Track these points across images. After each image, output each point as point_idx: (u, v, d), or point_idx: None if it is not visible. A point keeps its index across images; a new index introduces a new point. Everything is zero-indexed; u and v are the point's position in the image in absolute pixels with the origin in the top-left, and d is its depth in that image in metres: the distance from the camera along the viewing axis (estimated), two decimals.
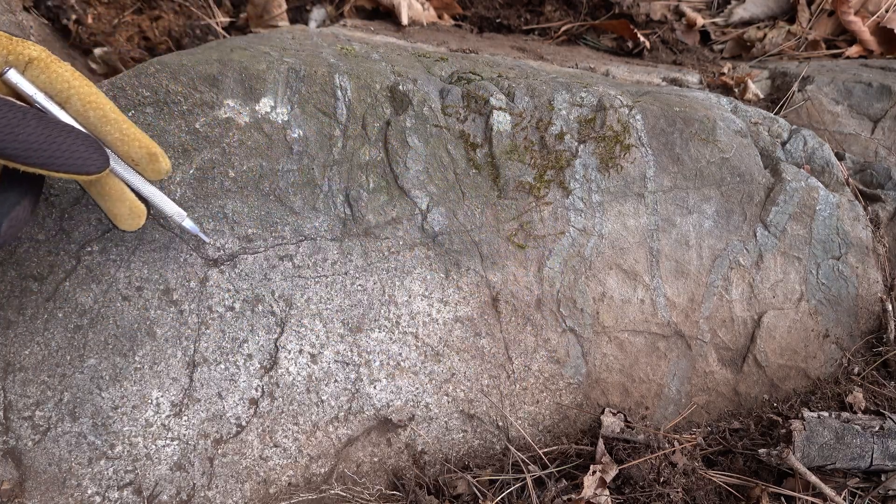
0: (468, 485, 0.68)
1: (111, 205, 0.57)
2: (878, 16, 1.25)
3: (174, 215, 0.60)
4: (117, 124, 0.54)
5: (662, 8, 1.29)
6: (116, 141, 0.54)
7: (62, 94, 0.52)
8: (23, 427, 0.60)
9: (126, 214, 0.57)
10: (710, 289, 0.81)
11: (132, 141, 0.55)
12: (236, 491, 0.65)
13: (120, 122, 0.54)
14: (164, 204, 0.60)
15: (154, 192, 0.59)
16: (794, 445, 0.71)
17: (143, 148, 0.55)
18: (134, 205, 0.57)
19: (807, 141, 0.91)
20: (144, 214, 0.58)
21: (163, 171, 0.56)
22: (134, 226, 0.58)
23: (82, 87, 0.53)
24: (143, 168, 0.56)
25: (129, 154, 0.55)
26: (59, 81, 0.52)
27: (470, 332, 0.72)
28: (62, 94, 0.52)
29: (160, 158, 0.56)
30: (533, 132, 0.77)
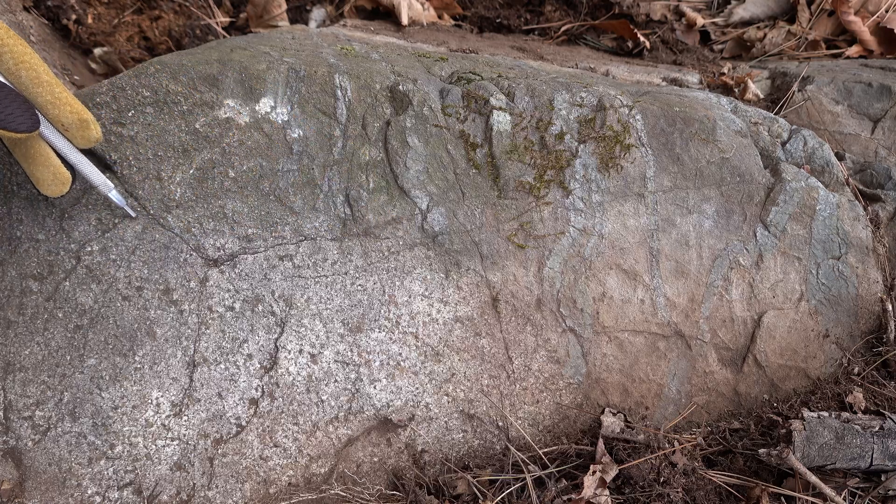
0: (468, 485, 0.68)
1: (35, 168, 0.56)
2: (878, 16, 1.25)
3: (101, 185, 0.59)
4: (49, 87, 0.53)
5: (662, 8, 1.29)
6: (47, 104, 0.53)
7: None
8: (23, 427, 0.60)
9: (50, 180, 0.56)
10: (710, 289, 0.81)
11: (63, 105, 0.54)
12: (236, 491, 0.65)
13: (52, 85, 0.53)
14: (92, 173, 0.58)
15: (82, 160, 0.57)
16: (794, 445, 0.71)
17: (74, 113, 0.54)
18: (59, 171, 0.56)
19: (807, 141, 0.91)
20: (69, 182, 0.57)
21: (92, 138, 0.55)
22: (56, 192, 0.57)
23: (16, 46, 0.52)
24: (73, 134, 0.55)
25: (59, 118, 0.54)
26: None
27: (470, 332, 0.72)
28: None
29: (91, 125, 0.55)
30: (533, 132, 0.77)
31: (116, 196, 0.60)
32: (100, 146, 0.64)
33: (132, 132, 0.65)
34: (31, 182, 0.62)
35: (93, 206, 0.64)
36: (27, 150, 0.55)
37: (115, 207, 0.64)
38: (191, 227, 0.66)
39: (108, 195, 0.60)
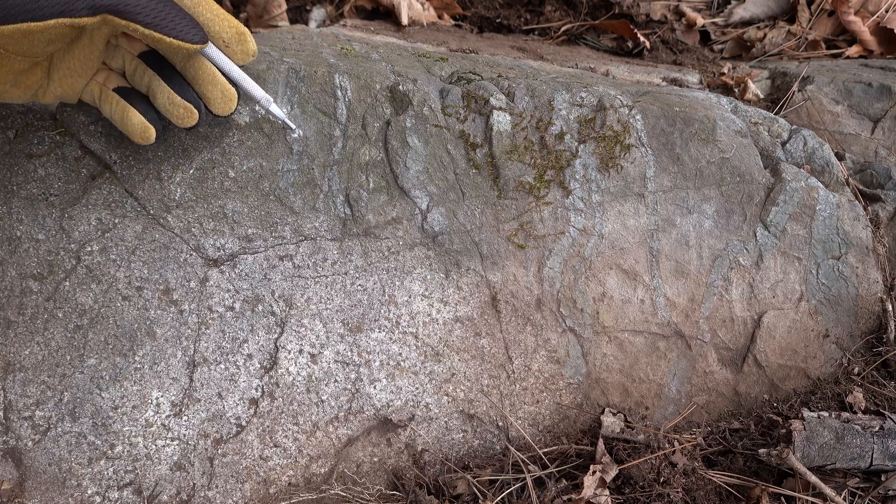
0: (468, 485, 0.68)
1: (204, 88, 0.59)
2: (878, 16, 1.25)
3: (262, 99, 0.62)
4: (209, 4, 0.56)
5: (662, 8, 1.29)
6: (209, 21, 0.56)
7: None
8: (23, 427, 0.60)
9: (219, 97, 0.59)
10: (710, 289, 0.81)
11: (223, 20, 0.57)
12: (236, 491, 0.65)
13: (211, 3, 0.57)
14: (253, 88, 0.62)
15: (243, 76, 0.60)
16: (794, 445, 0.71)
17: (232, 27, 0.57)
18: (225, 88, 0.59)
19: (807, 141, 0.91)
20: (235, 98, 0.60)
21: (250, 51, 0.59)
22: (226, 109, 0.60)
23: None
24: (233, 49, 0.58)
25: (220, 34, 0.57)
26: None
27: (470, 332, 0.72)
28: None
29: (248, 38, 0.58)
30: (533, 132, 0.77)
31: (276, 109, 0.63)
32: (100, 146, 0.64)
33: None
34: (33, 182, 0.63)
35: (93, 206, 0.64)
36: (195, 72, 0.58)
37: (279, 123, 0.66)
38: (191, 227, 0.66)
39: (269, 108, 0.63)
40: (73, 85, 0.58)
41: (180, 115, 0.58)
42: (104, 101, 0.60)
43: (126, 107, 0.58)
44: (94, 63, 0.58)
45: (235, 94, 0.60)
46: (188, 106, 0.58)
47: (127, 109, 0.58)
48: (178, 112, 0.58)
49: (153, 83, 0.58)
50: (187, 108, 0.58)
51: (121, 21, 0.51)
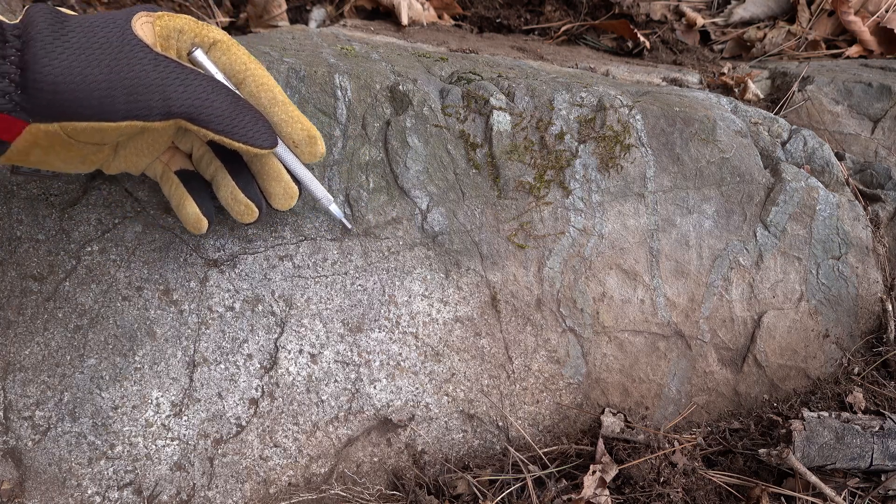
0: (468, 485, 0.68)
1: (268, 183, 0.60)
2: (878, 16, 1.25)
3: (322, 199, 0.64)
4: (284, 106, 0.57)
5: (662, 8, 1.29)
6: (282, 122, 0.57)
7: (239, 75, 0.56)
8: (23, 427, 0.60)
9: (281, 194, 0.60)
10: (710, 289, 0.81)
11: (296, 123, 0.58)
12: (236, 491, 0.65)
13: (287, 105, 0.57)
14: (316, 188, 0.63)
15: (308, 176, 0.62)
16: (794, 445, 0.71)
17: (304, 130, 0.58)
18: (289, 186, 0.60)
19: (807, 141, 0.91)
20: (297, 196, 0.61)
21: (318, 154, 0.59)
22: (286, 205, 0.61)
23: (257, 70, 0.57)
24: (302, 150, 0.59)
25: (291, 135, 0.58)
26: (237, 63, 0.56)
27: (470, 332, 0.72)
28: (239, 75, 0.56)
29: (318, 142, 0.59)
30: (533, 132, 0.77)
31: (336, 209, 0.65)
32: None
33: None
34: (33, 182, 0.62)
35: (93, 206, 0.64)
36: (262, 168, 0.59)
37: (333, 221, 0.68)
38: None
39: (329, 208, 0.64)
40: (138, 163, 0.59)
41: (241, 212, 0.60)
42: (164, 182, 0.61)
43: (184, 194, 0.59)
44: (161, 146, 0.58)
45: (297, 191, 0.61)
46: (250, 204, 0.59)
47: (185, 197, 0.59)
48: (240, 209, 0.59)
49: (218, 174, 0.59)
50: (249, 206, 0.59)
51: (193, 126, 0.52)
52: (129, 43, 0.49)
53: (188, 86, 0.51)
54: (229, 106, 0.53)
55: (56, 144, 0.49)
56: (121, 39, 0.49)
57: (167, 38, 0.54)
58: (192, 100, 0.51)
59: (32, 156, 0.50)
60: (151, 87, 0.49)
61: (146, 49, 0.50)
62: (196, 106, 0.51)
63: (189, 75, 0.51)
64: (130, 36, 0.50)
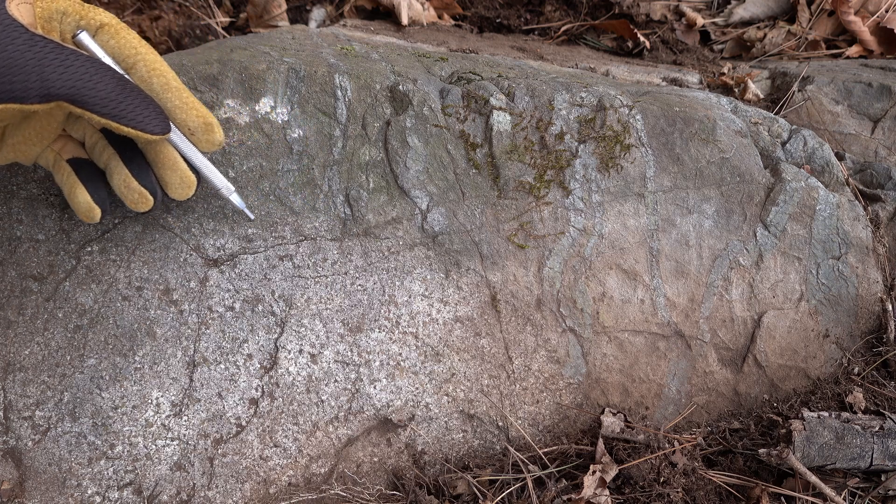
0: (468, 485, 0.68)
1: (164, 172, 0.58)
2: (878, 16, 1.25)
3: (222, 188, 0.62)
4: (178, 92, 0.55)
5: (662, 8, 1.29)
6: (176, 108, 0.55)
7: (129, 59, 0.54)
8: (23, 427, 0.60)
9: (177, 183, 0.58)
10: (710, 289, 0.81)
11: (190, 109, 0.56)
12: (236, 491, 0.65)
13: (181, 91, 0.56)
14: (214, 176, 0.61)
15: (206, 164, 0.60)
16: (794, 445, 0.71)
17: (200, 117, 0.56)
18: (185, 174, 0.58)
19: (807, 141, 0.91)
20: (194, 185, 0.59)
21: (216, 142, 0.58)
22: (184, 195, 0.59)
23: (148, 55, 0.54)
24: (199, 138, 0.57)
25: (186, 122, 0.56)
26: (126, 47, 0.54)
27: (470, 332, 0.72)
28: (129, 59, 0.54)
29: (215, 129, 0.57)
30: (533, 132, 0.77)
31: (237, 199, 0.63)
32: None
33: None
34: (33, 182, 0.62)
35: None
36: (156, 156, 0.57)
37: (233, 211, 0.66)
38: (191, 227, 0.66)
39: (229, 198, 0.62)
40: (27, 152, 0.56)
41: (135, 200, 0.57)
42: (57, 170, 0.58)
43: (76, 182, 0.57)
44: (50, 134, 0.56)
45: (195, 180, 0.59)
46: (143, 192, 0.57)
47: (76, 186, 0.57)
48: (133, 197, 0.57)
49: (111, 162, 0.57)
50: (143, 193, 0.57)
51: (76, 109, 0.50)
52: (2, 23, 0.47)
53: (68, 67, 0.48)
54: (115, 88, 0.50)
55: None
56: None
57: (49, 19, 0.51)
58: (74, 81, 0.49)
59: None
60: (27, 67, 0.47)
61: (20, 29, 0.48)
62: (77, 87, 0.49)
63: (70, 56, 0.49)
64: (4, 16, 0.47)
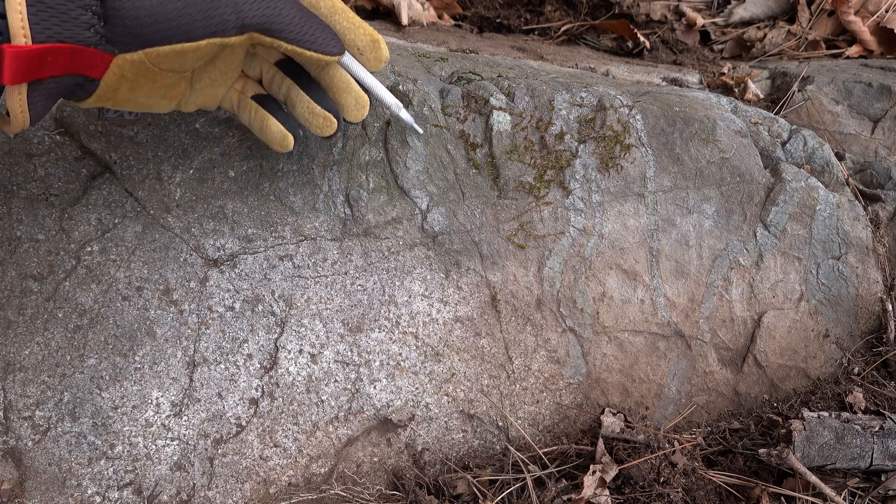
0: (468, 485, 0.68)
1: (339, 95, 0.59)
2: (878, 16, 1.25)
3: (392, 105, 0.63)
4: (344, 13, 0.57)
5: (662, 8, 1.29)
6: (345, 29, 0.57)
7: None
8: (23, 427, 0.60)
9: (353, 104, 0.60)
10: (710, 289, 0.81)
11: (358, 28, 0.57)
12: (236, 491, 0.65)
13: (346, 12, 0.57)
14: (385, 94, 0.63)
15: (375, 83, 0.61)
16: (794, 445, 0.71)
17: (367, 35, 0.58)
18: (359, 95, 0.60)
19: (807, 141, 0.91)
20: (368, 105, 0.61)
21: (383, 58, 0.59)
22: (360, 116, 0.61)
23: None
24: (367, 57, 0.58)
25: (355, 42, 0.58)
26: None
27: (470, 332, 0.72)
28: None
29: (381, 45, 0.58)
30: (533, 132, 0.77)
31: (406, 115, 0.65)
32: (100, 146, 0.64)
33: (132, 132, 0.65)
34: (33, 182, 0.63)
35: (93, 206, 0.64)
36: (330, 80, 0.59)
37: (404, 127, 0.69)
38: (191, 227, 0.66)
39: (399, 114, 0.64)
40: (214, 94, 0.59)
41: (320, 125, 0.59)
42: (242, 109, 0.61)
43: (266, 115, 0.60)
44: (234, 73, 0.59)
45: (368, 100, 0.61)
46: (328, 115, 0.59)
47: (266, 118, 0.60)
48: (318, 122, 0.59)
49: (291, 92, 0.59)
50: (327, 117, 0.59)
51: (266, 38, 0.52)
52: None
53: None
54: (297, 15, 0.53)
55: (141, 76, 0.50)
56: None
57: None
58: (264, 10, 0.51)
59: (120, 92, 0.51)
60: (223, 1, 0.50)
61: None
62: (268, 16, 0.51)
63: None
64: None
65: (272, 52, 0.59)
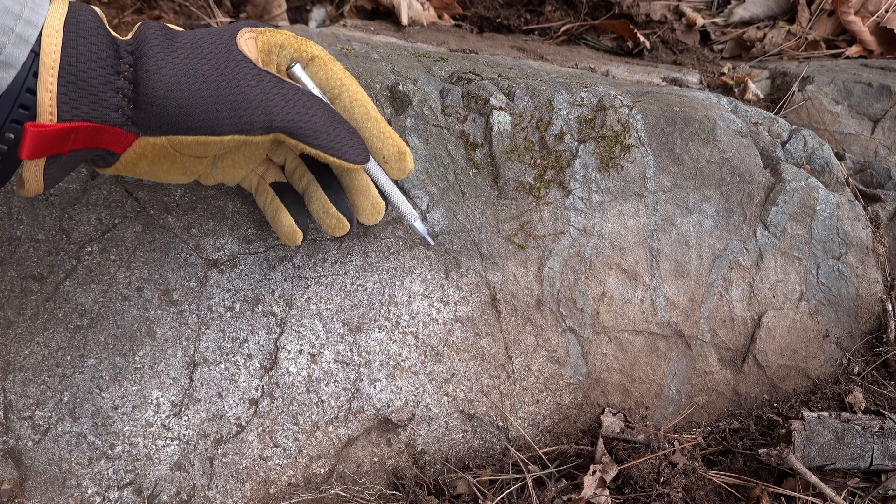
0: (468, 485, 0.68)
1: (356, 197, 0.61)
2: (878, 16, 1.25)
3: (408, 215, 0.65)
4: (377, 122, 0.58)
5: (662, 8, 1.29)
6: (374, 138, 0.58)
7: (334, 90, 0.57)
8: (23, 427, 0.60)
9: (368, 209, 0.61)
10: (710, 289, 0.81)
11: (387, 139, 0.59)
12: (236, 491, 0.65)
13: (379, 121, 0.59)
14: (402, 204, 0.64)
15: (395, 191, 0.63)
16: (794, 445, 0.71)
17: (395, 146, 0.59)
18: (376, 200, 0.61)
19: (807, 141, 0.91)
20: (383, 211, 0.62)
21: (407, 170, 0.61)
22: (373, 220, 0.62)
23: (352, 86, 0.58)
24: (391, 166, 0.60)
25: (381, 151, 0.59)
26: (333, 79, 0.57)
27: (470, 332, 0.72)
28: (334, 90, 0.57)
29: (407, 158, 0.60)
30: (533, 132, 0.77)
31: (420, 226, 0.66)
32: None
33: None
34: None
35: (93, 206, 0.64)
36: (351, 182, 0.60)
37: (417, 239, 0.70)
38: (191, 227, 0.66)
39: (413, 224, 0.65)
40: (234, 174, 0.60)
41: (332, 225, 0.60)
42: (259, 194, 0.62)
43: (279, 207, 0.61)
44: (257, 159, 0.60)
45: (384, 206, 0.62)
46: (341, 217, 0.60)
47: (280, 210, 0.61)
48: (332, 222, 0.60)
49: (310, 188, 0.60)
50: (340, 219, 0.60)
51: (291, 140, 0.53)
52: (234, 59, 0.50)
53: (289, 101, 0.52)
54: (327, 121, 0.54)
55: (161, 157, 0.51)
56: (226, 55, 0.50)
57: (268, 52, 0.55)
58: (293, 115, 0.52)
59: (139, 167, 0.52)
60: (254, 102, 0.50)
61: (250, 65, 0.51)
62: (296, 121, 0.52)
63: (290, 91, 0.52)
64: (235, 52, 0.51)
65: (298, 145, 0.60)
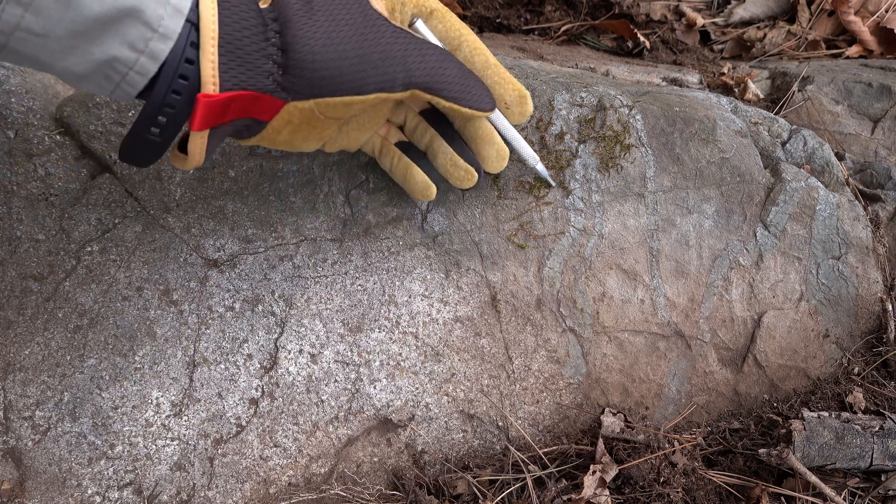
0: (468, 485, 0.68)
1: (481, 147, 0.61)
2: (878, 16, 1.25)
3: (529, 159, 0.66)
4: (497, 69, 0.59)
5: (662, 8, 1.29)
6: (495, 84, 0.59)
7: (454, 41, 0.58)
8: (23, 427, 0.60)
9: (494, 156, 0.62)
10: (710, 289, 0.81)
11: (507, 84, 0.59)
12: (236, 491, 0.65)
13: (498, 67, 0.59)
14: (525, 148, 0.65)
15: (517, 136, 0.63)
16: (794, 445, 0.71)
17: (515, 90, 0.60)
18: (501, 147, 0.62)
19: (807, 141, 0.91)
20: (507, 157, 0.63)
21: (528, 113, 0.61)
22: (499, 167, 0.63)
23: (469, 36, 0.58)
24: (513, 111, 0.60)
25: (503, 97, 0.59)
26: (452, 30, 0.58)
27: (470, 332, 0.72)
28: (454, 41, 0.58)
29: (528, 100, 0.60)
30: (533, 132, 0.77)
31: (542, 169, 0.68)
32: (100, 146, 0.64)
33: None
34: (33, 182, 0.62)
35: (93, 206, 0.64)
36: (475, 131, 0.61)
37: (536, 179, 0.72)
38: (191, 227, 0.66)
39: (536, 167, 0.67)
40: (358, 138, 0.60)
41: (461, 177, 0.61)
42: (384, 155, 0.62)
43: (409, 164, 0.61)
44: (381, 119, 0.60)
45: (508, 153, 0.62)
46: (469, 168, 0.61)
47: (410, 166, 0.61)
48: (460, 174, 0.61)
49: (434, 143, 0.60)
50: (468, 170, 0.61)
51: (427, 95, 0.53)
52: (370, 17, 0.51)
53: (424, 56, 0.52)
54: (459, 74, 0.54)
55: (305, 122, 0.51)
56: (363, 14, 0.50)
57: (392, 10, 0.56)
58: (429, 70, 0.52)
59: (282, 135, 0.52)
60: (395, 59, 0.51)
61: (387, 23, 0.51)
62: (432, 76, 0.53)
63: (423, 46, 0.53)
64: (370, 11, 0.51)
65: (418, 101, 0.59)
